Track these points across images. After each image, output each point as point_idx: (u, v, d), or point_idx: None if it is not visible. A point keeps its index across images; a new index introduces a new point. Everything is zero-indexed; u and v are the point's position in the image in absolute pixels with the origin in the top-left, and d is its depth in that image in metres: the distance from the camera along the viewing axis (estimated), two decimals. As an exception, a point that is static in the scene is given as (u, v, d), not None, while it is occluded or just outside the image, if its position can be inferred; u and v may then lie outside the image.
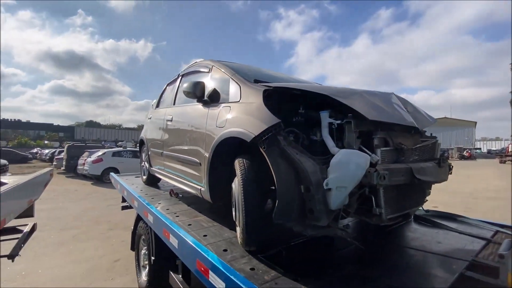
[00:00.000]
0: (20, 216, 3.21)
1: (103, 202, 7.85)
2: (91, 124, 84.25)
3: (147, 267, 2.91)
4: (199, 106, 2.22)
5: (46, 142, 47.80)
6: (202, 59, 2.76)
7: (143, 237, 3.04)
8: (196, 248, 1.59)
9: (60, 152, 18.90)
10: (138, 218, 3.18)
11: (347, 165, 1.25)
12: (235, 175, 1.77)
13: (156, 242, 2.57)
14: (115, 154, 12.15)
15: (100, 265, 3.86)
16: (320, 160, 1.32)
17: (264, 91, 1.59)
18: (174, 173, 2.71)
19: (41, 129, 62.63)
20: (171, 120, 2.79)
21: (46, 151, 27.45)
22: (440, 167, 1.63)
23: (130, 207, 4.57)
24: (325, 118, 1.45)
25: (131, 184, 3.90)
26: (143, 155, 4.00)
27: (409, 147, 1.57)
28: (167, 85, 3.71)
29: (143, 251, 3.07)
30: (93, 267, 3.78)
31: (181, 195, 3.03)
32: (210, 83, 2.25)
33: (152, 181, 3.78)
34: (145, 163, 3.87)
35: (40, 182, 3.22)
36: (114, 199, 7.99)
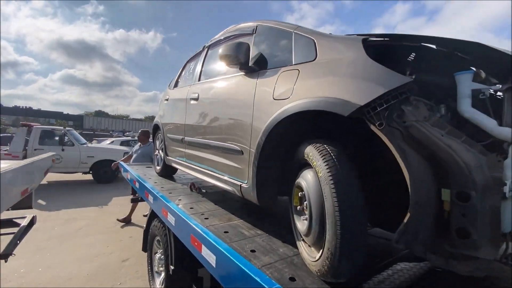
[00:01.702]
0: (17, 208, 2.79)
1: (110, 192, 7.45)
2: (99, 114, 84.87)
3: (162, 274, 2.44)
4: (241, 76, 1.69)
5: (55, 130, 48.11)
6: (235, 25, 2.22)
7: (157, 238, 2.56)
8: (248, 272, 1.08)
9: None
10: (152, 216, 2.70)
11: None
12: (299, 169, 1.25)
13: (176, 248, 2.09)
14: (123, 143, 11.78)
15: (107, 264, 3.43)
16: (483, 148, 0.78)
17: (364, 41, 1.04)
18: (200, 164, 2.20)
19: (51, 117, 63.17)
20: (196, 99, 2.27)
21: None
22: None
23: (140, 199, 4.15)
24: (466, 82, 0.91)
25: (143, 175, 3.42)
26: (158, 142, 3.51)
27: None
28: (187, 62, 3.18)
29: (157, 255, 2.59)
30: (99, 267, 3.35)
31: (204, 191, 2.53)
32: (256, 46, 1.71)
33: (168, 172, 3.29)
34: (160, 151, 3.37)
35: (40, 168, 2.77)
36: (118, 189, 7.62)
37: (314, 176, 1.08)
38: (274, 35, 1.61)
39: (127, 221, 5.05)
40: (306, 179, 1.15)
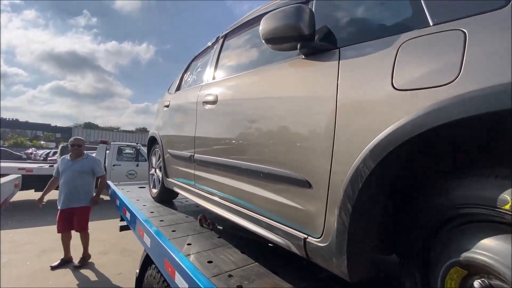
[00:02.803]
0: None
1: (95, 212, 6.59)
2: (89, 126, 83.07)
3: None
4: (298, 62, 1.07)
5: (42, 142, 46.40)
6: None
7: (155, 293, 1.85)
8: None
9: (54, 153, 17.78)
10: (148, 260, 2.00)
11: None
12: (459, 224, 0.63)
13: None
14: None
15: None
16: None
17: None
18: (220, 194, 1.55)
19: (38, 129, 61.29)
20: (213, 102, 1.63)
21: (41, 151, 26.39)
22: None
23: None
24: None
25: (134, 199, 2.72)
26: (154, 159, 2.83)
27: None
28: (192, 60, 2.57)
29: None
30: None
31: (220, 227, 1.86)
32: (321, 15, 1.08)
33: (167, 197, 2.61)
34: (157, 171, 2.70)
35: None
36: (108, 208, 6.76)
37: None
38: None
39: (84, 262, 3.68)
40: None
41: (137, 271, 2.18)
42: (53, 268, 3.48)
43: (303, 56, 1.05)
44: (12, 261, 3.67)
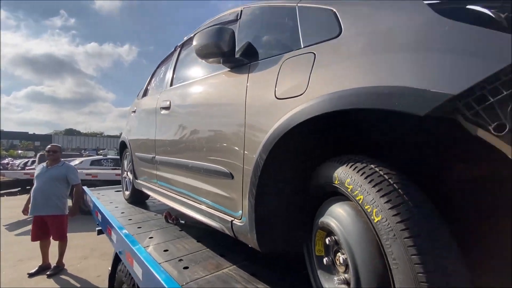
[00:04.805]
0: None
1: (77, 221, 6.57)
2: (70, 132, 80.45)
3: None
4: (225, 73, 1.27)
5: (19, 152, 44.53)
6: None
7: (125, 286, 2.01)
8: None
9: (33, 162, 17.20)
10: (117, 257, 2.15)
11: None
12: (322, 199, 0.84)
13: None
14: (94, 162, 10.79)
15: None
16: None
17: (430, 5, 0.66)
18: (176, 189, 1.72)
19: (15, 138, 58.77)
20: (167, 108, 1.81)
21: (18, 161, 25.33)
22: None
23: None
24: None
25: (107, 202, 2.84)
26: (125, 162, 2.96)
27: None
28: (158, 66, 2.72)
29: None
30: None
31: (183, 222, 2.03)
32: (242, 34, 1.30)
33: (138, 198, 2.74)
34: (128, 173, 2.83)
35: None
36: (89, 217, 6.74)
37: (358, 215, 0.67)
38: (268, 15, 1.22)
39: (57, 270, 3.63)
40: (340, 218, 0.73)
41: (109, 268, 2.32)
42: (31, 275, 3.51)
43: (229, 69, 1.24)
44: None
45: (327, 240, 0.79)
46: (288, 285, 1.14)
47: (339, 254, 0.74)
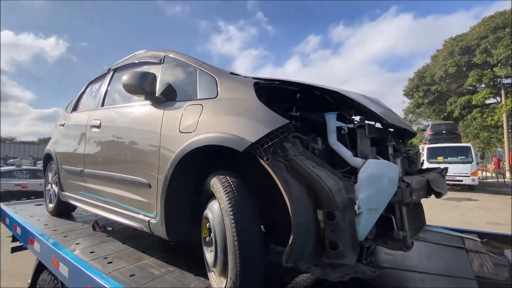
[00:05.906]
0: None
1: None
2: (-33, 137, 65.32)
3: None
4: (148, 106, 1.63)
5: None
6: (144, 50, 2.16)
7: (47, 295, 2.09)
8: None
9: None
10: (40, 268, 2.21)
11: (380, 180, 0.95)
12: (208, 200, 1.28)
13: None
14: (4, 175, 9.33)
15: None
16: (341, 175, 0.99)
17: (255, 84, 1.18)
18: (103, 199, 1.96)
19: None
20: (98, 126, 2.05)
21: None
22: (443, 178, 1.52)
23: (24, 247, 3.31)
24: (332, 121, 1.14)
25: (28, 216, 2.79)
26: (50, 175, 2.95)
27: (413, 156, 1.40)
28: (90, 83, 2.87)
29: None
30: None
31: (110, 228, 2.25)
32: (163, 77, 1.69)
33: (64, 210, 2.78)
34: (53, 186, 2.84)
35: None
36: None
37: (218, 207, 1.12)
38: (181, 68, 1.65)
39: None
40: (212, 210, 1.18)
41: (29, 281, 2.33)
42: None
43: (151, 103, 1.62)
44: None
45: (207, 225, 1.24)
46: (189, 264, 1.53)
47: (212, 233, 1.19)
